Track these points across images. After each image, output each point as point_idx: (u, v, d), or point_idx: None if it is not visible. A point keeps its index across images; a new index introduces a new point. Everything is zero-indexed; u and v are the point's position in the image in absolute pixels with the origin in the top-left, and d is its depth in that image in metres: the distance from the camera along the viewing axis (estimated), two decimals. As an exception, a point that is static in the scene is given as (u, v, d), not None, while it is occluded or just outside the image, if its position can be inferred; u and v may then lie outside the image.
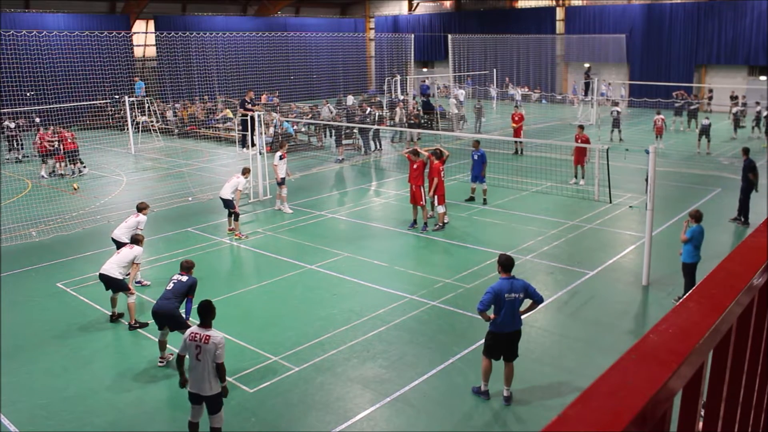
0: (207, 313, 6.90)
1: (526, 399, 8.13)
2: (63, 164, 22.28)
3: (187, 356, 6.95)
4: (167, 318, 8.80)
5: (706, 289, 1.33)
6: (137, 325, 10.32)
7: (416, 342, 9.66)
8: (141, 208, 11.99)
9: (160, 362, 9.10)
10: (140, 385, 8.69)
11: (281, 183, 16.75)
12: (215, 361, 6.72)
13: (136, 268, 10.69)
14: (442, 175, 14.66)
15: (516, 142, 24.28)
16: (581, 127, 19.57)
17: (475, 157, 17.01)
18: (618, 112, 26.88)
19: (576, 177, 19.48)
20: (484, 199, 17.23)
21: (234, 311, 10.98)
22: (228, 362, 9.05)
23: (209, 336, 6.73)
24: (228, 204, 14.79)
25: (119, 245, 11.18)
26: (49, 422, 7.87)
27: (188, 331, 6.94)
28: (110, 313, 10.66)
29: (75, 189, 16.74)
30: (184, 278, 8.85)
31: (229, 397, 8.20)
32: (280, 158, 16.62)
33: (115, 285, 10.27)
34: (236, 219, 14.91)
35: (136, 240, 10.75)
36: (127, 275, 10.35)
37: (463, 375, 8.67)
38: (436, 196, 14.72)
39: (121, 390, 8.55)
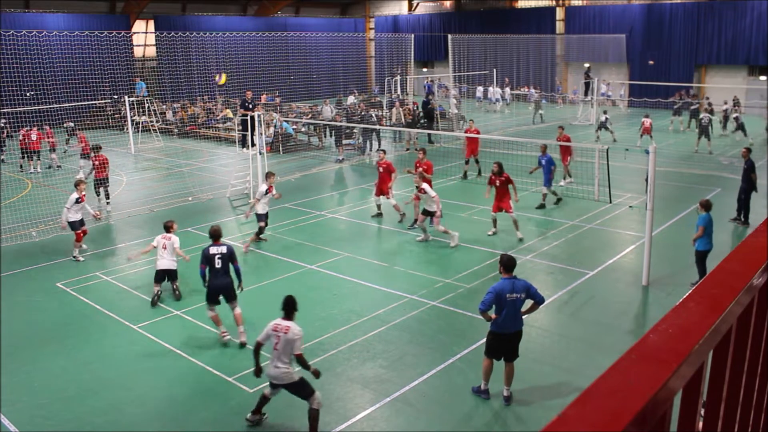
0: (290, 306, 7.40)
1: (526, 399, 8.13)
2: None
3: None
4: (226, 290, 9.71)
5: (706, 289, 1.33)
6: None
7: (416, 342, 9.67)
8: (168, 227, 11.74)
9: (224, 334, 9.79)
10: (140, 385, 8.68)
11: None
12: (293, 353, 7.18)
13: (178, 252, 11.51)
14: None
15: (476, 161, 20.65)
16: (561, 128, 19.53)
17: (543, 162, 16.64)
18: (606, 118, 26.73)
19: (564, 178, 19.41)
20: (542, 204, 16.79)
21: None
22: (228, 362, 9.11)
23: (289, 327, 7.22)
24: (260, 218, 14.06)
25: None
26: (49, 422, 7.87)
27: (272, 323, 7.35)
28: (151, 299, 11.28)
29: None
30: (223, 248, 9.58)
31: (229, 397, 8.23)
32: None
33: (172, 275, 11.41)
34: (259, 232, 14.08)
35: (168, 228, 11.62)
36: (176, 260, 11.41)
37: (463, 375, 8.67)
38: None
39: (121, 390, 8.55)
